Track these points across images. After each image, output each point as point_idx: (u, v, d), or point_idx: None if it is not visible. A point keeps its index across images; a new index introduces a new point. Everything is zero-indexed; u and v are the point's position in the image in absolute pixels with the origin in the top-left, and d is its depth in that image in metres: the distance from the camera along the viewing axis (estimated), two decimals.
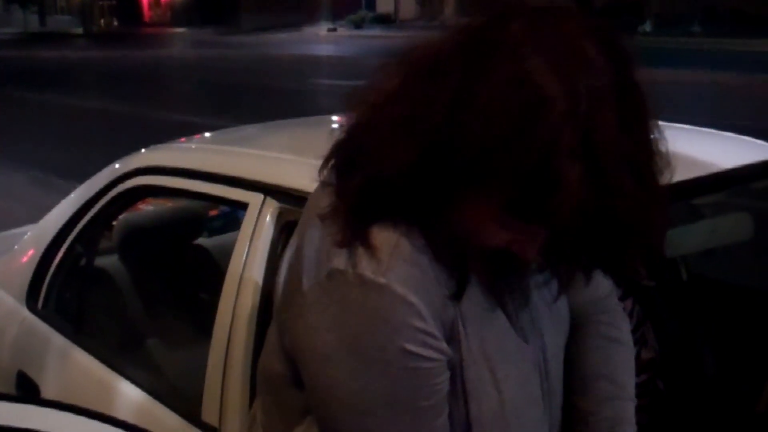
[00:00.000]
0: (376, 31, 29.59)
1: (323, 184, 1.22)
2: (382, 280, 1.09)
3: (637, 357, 2.32)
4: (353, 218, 1.13)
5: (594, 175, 0.98)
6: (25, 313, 2.68)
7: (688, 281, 2.62)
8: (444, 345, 1.14)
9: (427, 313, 1.10)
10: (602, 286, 1.46)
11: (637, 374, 2.28)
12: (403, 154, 1.06)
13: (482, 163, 1.01)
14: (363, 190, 1.12)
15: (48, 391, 2.41)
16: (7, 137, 11.36)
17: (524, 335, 1.27)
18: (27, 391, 2.47)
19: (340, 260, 1.11)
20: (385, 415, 1.12)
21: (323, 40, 31.17)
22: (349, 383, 1.11)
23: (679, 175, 2.00)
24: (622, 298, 2.34)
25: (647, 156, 1.09)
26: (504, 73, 1.00)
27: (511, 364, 1.24)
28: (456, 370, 1.17)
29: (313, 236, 1.17)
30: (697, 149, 2.24)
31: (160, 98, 16.50)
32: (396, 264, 1.10)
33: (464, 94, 1.02)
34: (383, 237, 1.11)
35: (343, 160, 1.17)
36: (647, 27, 21.93)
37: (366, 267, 1.09)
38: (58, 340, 2.53)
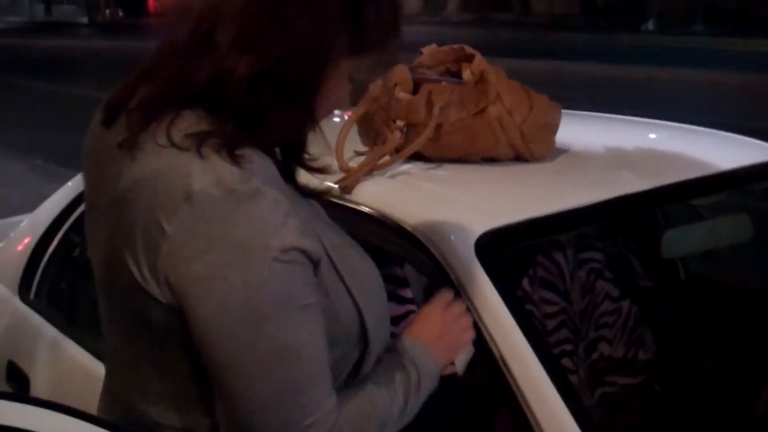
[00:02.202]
0: None
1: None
2: (251, 185, 1.13)
3: (634, 358, 2.31)
4: (217, 141, 1.16)
5: None
6: (17, 303, 2.66)
7: (686, 282, 2.61)
8: (306, 238, 1.17)
9: (291, 210, 1.16)
10: None
11: (634, 376, 2.29)
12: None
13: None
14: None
15: (38, 383, 2.39)
16: (9, 124, 11.36)
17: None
18: (17, 382, 2.45)
19: (199, 182, 1.12)
20: (280, 316, 1.14)
21: None
22: (242, 293, 1.12)
23: (679, 175, 2.00)
24: (619, 299, 2.34)
25: None
26: None
27: (354, 253, 1.34)
28: (325, 263, 1.22)
29: (157, 173, 1.16)
30: (697, 149, 2.22)
31: None
32: (255, 168, 1.16)
33: None
34: (230, 150, 1.15)
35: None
36: (650, 25, 21.86)
37: (230, 179, 1.13)
38: (49, 331, 2.51)
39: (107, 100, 1.30)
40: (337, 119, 2.76)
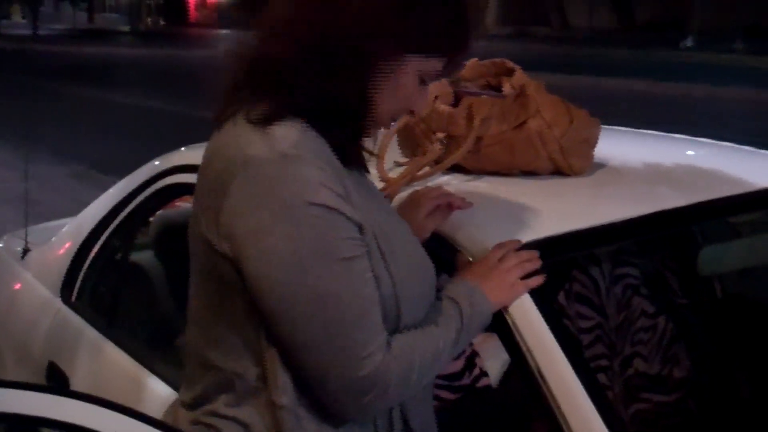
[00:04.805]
0: None
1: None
2: (297, 152, 1.29)
3: (669, 376, 2.30)
4: (268, 115, 1.33)
5: None
6: (59, 304, 2.71)
7: (722, 300, 2.59)
8: (347, 205, 1.32)
9: (333, 178, 1.31)
10: None
11: (669, 393, 2.28)
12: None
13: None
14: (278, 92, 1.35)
15: (78, 383, 2.43)
16: (51, 131, 11.49)
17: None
18: (57, 382, 2.49)
19: (254, 148, 1.30)
20: (321, 266, 1.29)
21: None
22: (287, 245, 1.28)
23: (717, 192, 2.00)
24: (654, 315, 2.33)
25: None
26: None
27: (398, 234, 1.44)
28: (368, 234, 1.35)
29: (227, 144, 1.35)
30: (736, 167, 2.21)
31: (203, 97, 16.57)
32: (307, 141, 1.32)
33: None
34: (284, 124, 1.33)
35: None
36: (689, 42, 21.74)
37: (281, 146, 1.29)
38: (90, 333, 2.55)
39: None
40: None
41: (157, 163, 2.60)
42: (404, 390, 1.39)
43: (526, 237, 1.66)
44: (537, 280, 1.57)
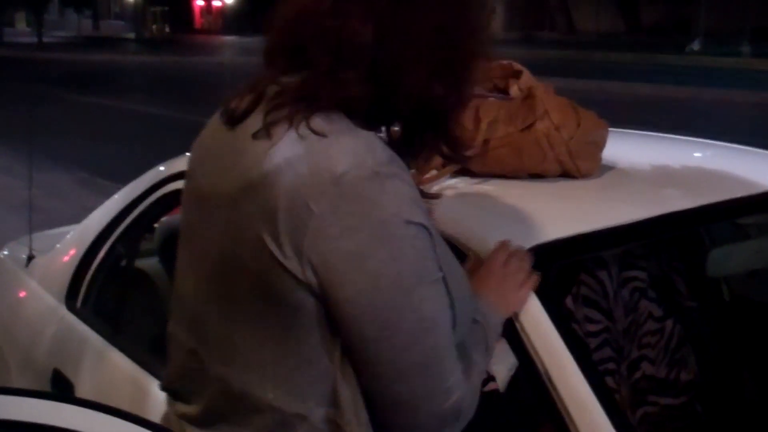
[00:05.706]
0: None
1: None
2: (391, 168, 1.21)
3: (676, 379, 2.29)
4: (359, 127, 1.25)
5: None
6: (64, 311, 2.71)
7: (730, 302, 2.58)
8: (430, 223, 1.26)
9: (418, 192, 1.26)
10: None
11: (676, 396, 2.27)
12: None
13: None
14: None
15: (82, 390, 2.42)
16: (55, 137, 11.52)
17: None
18: (62, 389, 2.48)
19: (343, 165, 1.19)
20: (422, 288, 1.22)
21: None
22: (391, 267, 1.20)
23: (725, 194, 1.99)
24: (662, 318, 2.32)
25: None
26: None
27: (448, 252, 1.36)
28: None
29: (299, 158, 1.21)
30: (743, 169, 2.20)
31: (208, 103, 16.61)
32: (389, 153, 1.24)
33: None
34: (363, 136, 1.24)
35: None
36: (696, 46, 21.77)
37: (371, 161, 1.20)
38: (95, 339, 2.54)
39: (232, 105, 1.38)
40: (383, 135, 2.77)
41: (161, 168, 2.60)
42: (469, 417, 1.34)
43: (534, 240, 1.66)
44: (536, 279, 1.56)
